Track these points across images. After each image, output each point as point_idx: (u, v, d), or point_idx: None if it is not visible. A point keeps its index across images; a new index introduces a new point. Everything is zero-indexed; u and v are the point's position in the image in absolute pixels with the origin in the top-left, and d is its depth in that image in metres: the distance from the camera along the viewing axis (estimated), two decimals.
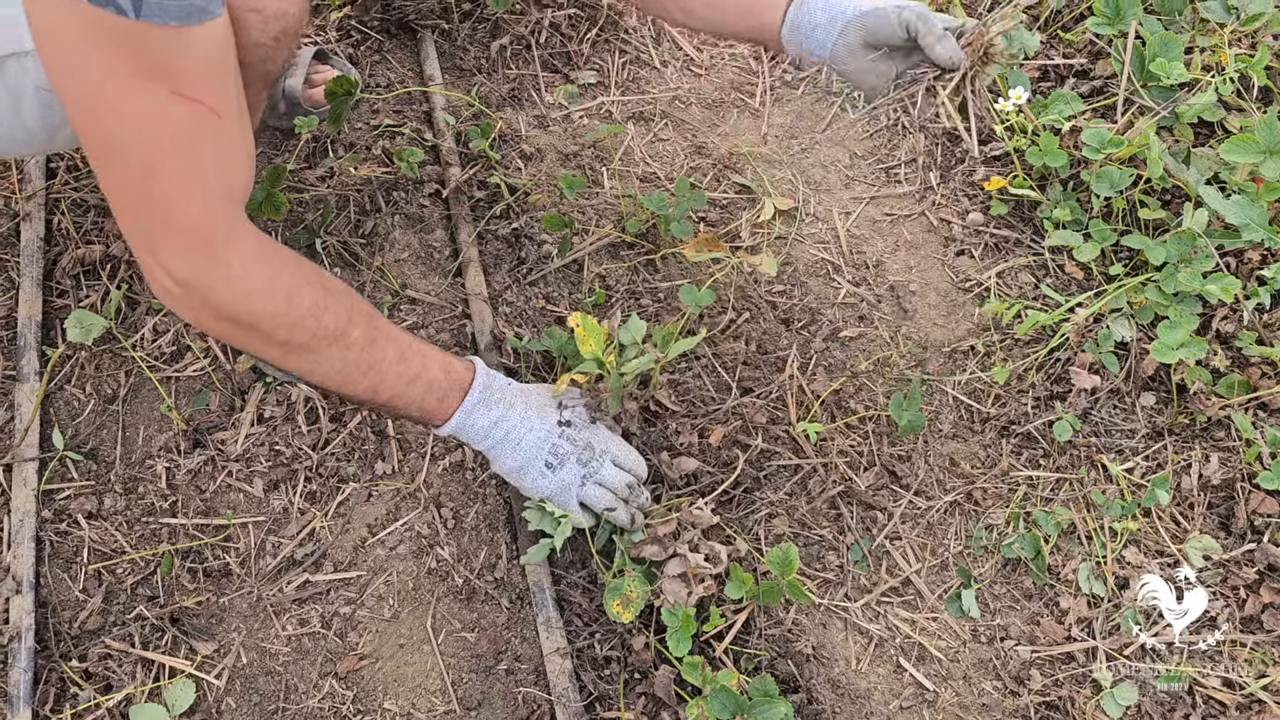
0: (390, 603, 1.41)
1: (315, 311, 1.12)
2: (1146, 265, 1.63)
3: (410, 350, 1.23)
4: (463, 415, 1.28)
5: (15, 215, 1.67)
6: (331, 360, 1.16)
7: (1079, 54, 1.90)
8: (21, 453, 1.45)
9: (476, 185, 1.77)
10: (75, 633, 1.35)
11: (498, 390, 1.30)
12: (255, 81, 1.25)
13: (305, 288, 1.12)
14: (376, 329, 1.20)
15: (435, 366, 1.25)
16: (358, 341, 1.17)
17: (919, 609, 1.43)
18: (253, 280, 1.07)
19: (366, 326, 1.18)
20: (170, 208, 1.02)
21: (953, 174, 1.84)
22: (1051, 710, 1.35)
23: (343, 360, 1.17)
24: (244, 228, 1.08)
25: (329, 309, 1.14)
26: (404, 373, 1.22)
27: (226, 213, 1.06)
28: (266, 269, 1.09)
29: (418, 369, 1.23)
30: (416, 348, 1.24)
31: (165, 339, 1.58)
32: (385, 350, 1.20)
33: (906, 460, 1.54)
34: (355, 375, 1.19)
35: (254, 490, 1.47)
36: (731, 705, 1.23)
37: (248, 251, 1.07)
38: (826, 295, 1.70)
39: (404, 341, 1.23)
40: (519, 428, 1.30)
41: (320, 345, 1.14)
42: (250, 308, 1.08)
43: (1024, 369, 1.61)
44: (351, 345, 1.16)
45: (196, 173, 1.02)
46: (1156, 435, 1.56)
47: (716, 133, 1.88)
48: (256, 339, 1.12)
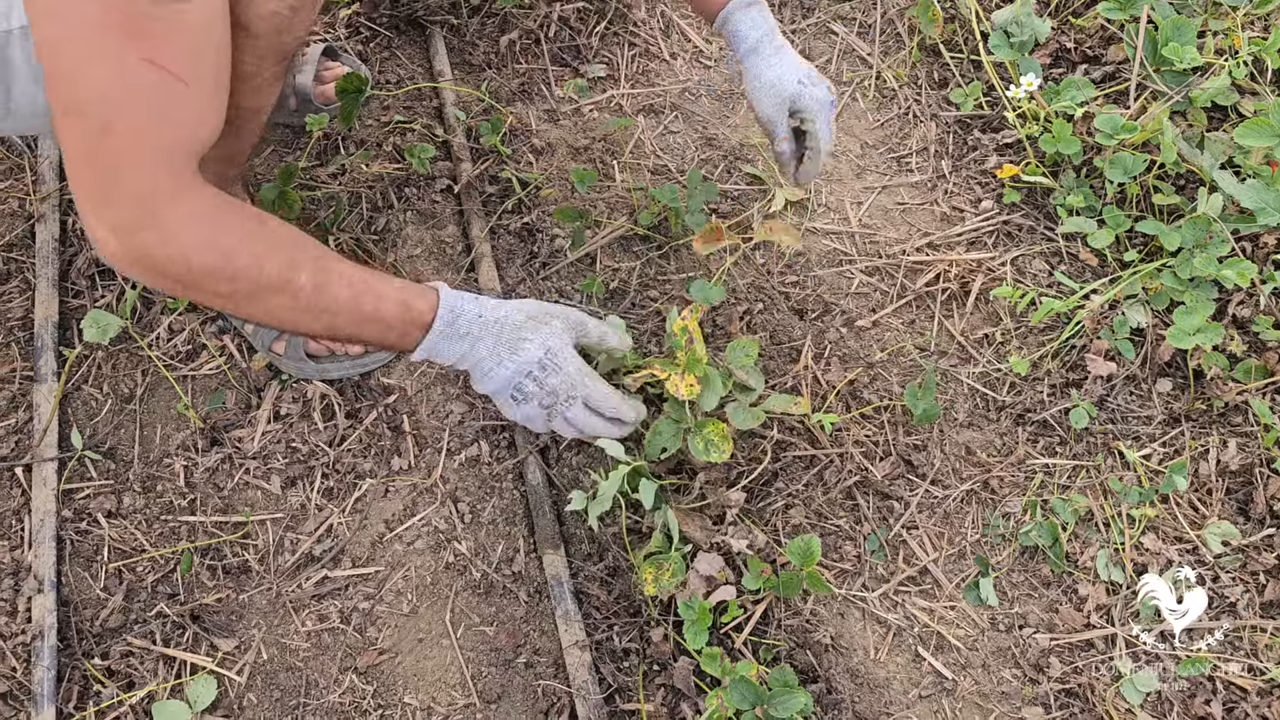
0: (409, 597, 1.41)
1: (256, 263, 1.12)
2: (1161, 251, 1.62)
3: (365, 289, 1.20)
4: (424, 352, 1.26)
5: (30, 217, 1.68)
6: (281, 308, 1.16)
7: (1090, 39, 1.89)
8: (41, 452, 1.46)
9: (488, 180, 1.77)
10: (97, 631, 1.36)
11: (464, 323, 1.27)
12: (270, 54, 1.26)
13: (247, 242, 1.11)
14: (325, 271, 1.17)
15: (391, 305, 1.22)
16: (305, 287, 1.15)
17: (937, 598, 1.43)
18: (189, 239, 1.08)
19: (313, 270, 1.16)
20: (121, 167, 1.04)
21: (965, 162, 1.83)
22: (1071, 698, 1.35)
23: (293, 307, 1.16)
24: (192, 188, 1.08)
25: (270, 259, 1.13)
26: (359, 313, 1.20)
27: (176, 174, 1.07)
28: (206, 229, 1.09)
29: (372, 309, 1.21)
30: (372, 286, 1.21)
31: (181, 338, 1.58)
32: (337, 293, 1.18)
33: (922, 450, 1.53)
34: (308, 319, 1.18)
35: (271, 487, 1.48)
36: (751, 695, 1.23)
37: (189, 213, 1.08)
38: (840, 285, 1.69)
39: (358, 281, 1.20)
40: (487, 360, 1.28)
41: (266, 295, 1.14)
42: (189, 266, 1.09)
43: (1039, 357, 1.61)
44: (299, 292, 1.15)
45: (152, 136, 1.04)
46: (1173, 421, 1.56)
47: (727, 124, 1.88)
48: (201, 294, 1.13)
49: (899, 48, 1.98)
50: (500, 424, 1.54)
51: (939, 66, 1.94)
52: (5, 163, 1.74)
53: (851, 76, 1.95)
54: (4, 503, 1.45)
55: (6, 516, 1.44)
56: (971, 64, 1.92)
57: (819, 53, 1.98)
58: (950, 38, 1.94)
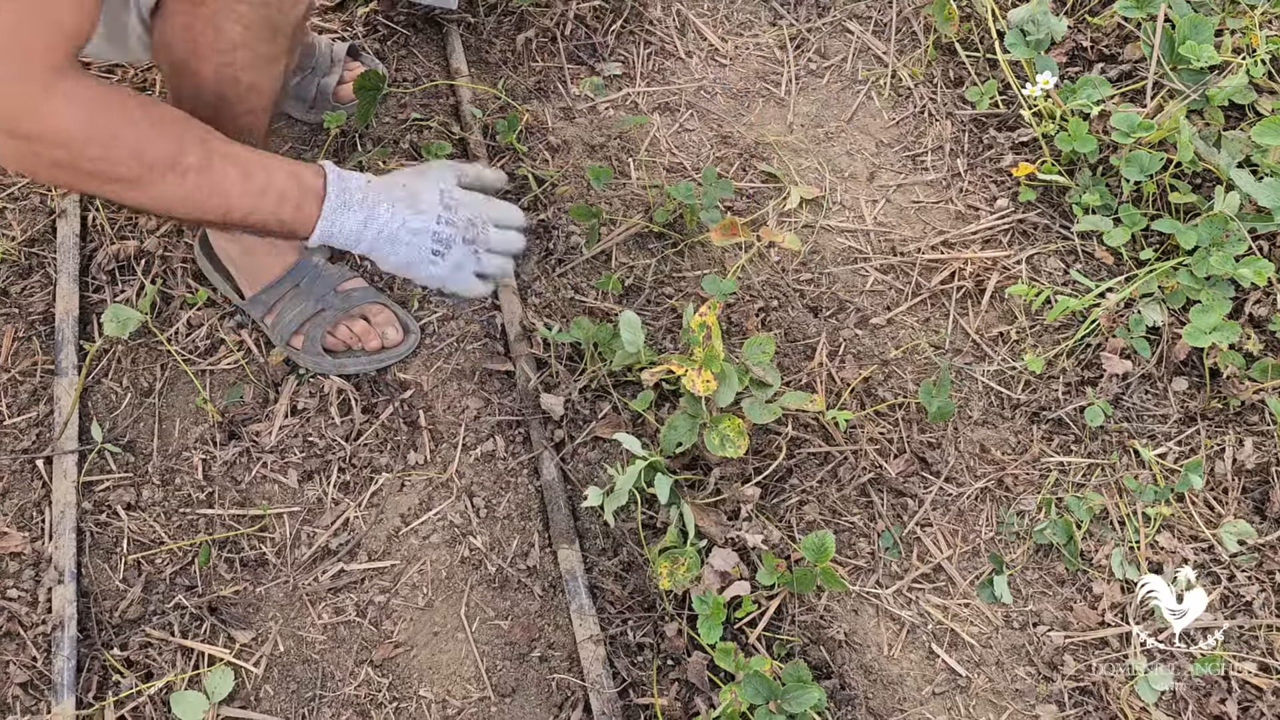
0: (424, 591, 1.42)
1: (139, 146, 1.12)
2: (1177, 250, 1.62)
3: (254, 165, 1.20)
4: (325, 222, 1.24)
5: (51, 212, 1.70)
6: (171, 190, 1.15)
7: (1107, 38, 1.89)
8: (62, 445, 1.47)
9: None
10: (116, 622, 1.37)
11: (356, 190, 1.26)
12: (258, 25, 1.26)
13: (127, 125, 1.11)
14: (211, 151, 1.17)
15: (282, 176, 1.22)
16: (193, 167, 1.15)
17: (951, 595, 1.43)
18: (68, 121, 1.08)
19: (200, 151, 1.16)
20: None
21: (980, 161, 1.83)
22: (1086, 696, 1.35)
23: (181, 188, 1.15)
24: (70, 74, 1.08)
25: (154, 141, 1.13)
26: (250, 189, 1.19)
27: (51, 58, 1.06)
28: (84, 110, 1.09)
29: (263, 183, 1.20)
30: (260, 161, 1.21)
31: (200, 333, 1.60)
32: (225, 171, 1.17)
33: (937, 447, 1.53)
34: (200, 199, 1.17)
35: (288, 481, 1.49)
36: (765, 691, 1.23)
37: (67, 95, 1.08)
38: (854, 283, 1.70)
39: (245, 158, 1.20)
40: (391, 223, 1.27)
41: (153, 178, 1.14)
42: (70, 149, 1.09)
43: (1054, 355, 1.61)
44: (187, 172, 1.15)
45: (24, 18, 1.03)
46: (1189, 420, 1.55)
47: (742, 122, 1.88)
48: (86, 179, 1.13)
49: (914, 46, 1.98)
50: (516, 419, 1.55)
51: (954, 65, 1.94)
52: None
53: (867, 75, 1.95)
54: (25, 494, 1.46)
55: (28, 508, 1.45)
56: (987, 62, 1.92)
57: (834, 51, 1.98)
58: (966, 36, 1.94)
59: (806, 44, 2.00)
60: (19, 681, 1.32)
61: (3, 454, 1.49)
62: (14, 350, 1.58)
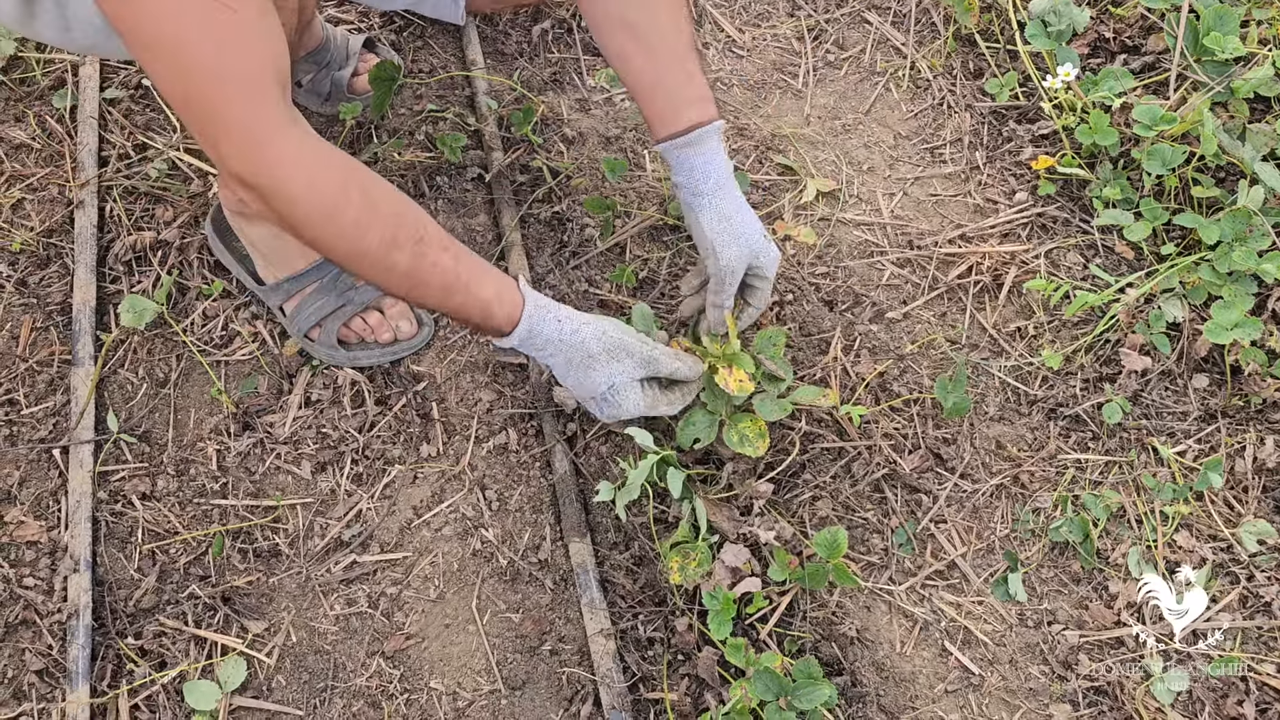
0: (436, 583, 1.42)
1: (358, 229, 1.14)
2: (1199, 244, 1.60)
3: (456, 286, 1.23)
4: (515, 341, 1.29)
5: (69, 203, 1.71)
6: (375, 275, 1.20)
7: (1130, 29, 1.86)
8: (78, 435, 1.48)
9: (519, 169, 1.77)
10: (131, 611, 1.38)
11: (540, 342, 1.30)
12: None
13: (346, 204, 1.13)
14: (422, 257, 1.19)
15: (475, 307, 1.25)
16: (400, 266, 1.18)
17: (964, 592, 1.42)
18: (297, 187, 1.10)
19: (412, 254, 1.18)
20: (213, 105, 1.06)
21: (999, 153, 1.81)
22: (1100, 695, 1.34)
23: (386, 278, 1.20)
24: (289, 123, 1.10)
25: (371, 228, 1.15)
26: (445, 304, 1.24)
27: (267, 109, 1.08)
28: (307, 174, 1.10)
29: (459, 304, 1.24)
30: (463, 282, 1.23)
31: (215, 324, 1.60)
32: (429, 280, 1.21)
33: (952, 443, 1.52)
34: (398, 292, 1.23)
35: (302, 472, 1.49)
36: (775, 687, 1.23)
37: (291, 150, 1.09)
38: (870, 277, 1.68)
39: (450, 275, 1.22)
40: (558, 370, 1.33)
41: (362, 262, 1.17)
42: (294, 211, 1.11)
43: (1072, 351, 1.59)
44: (393, 269, 1.18)
45: (228, 71, 1.04)
46: (1209, 418, 1.53)
47: (759, 114, 1.87)
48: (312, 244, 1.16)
49: (934, 37, 1.96)
50: (528, 412, 1.54)
51: (974, 56, 1.92)
52: (46, 150, 1.77)
53: (886, 66, 1.93)
54: (42, 484, 1.48)
55: (44, 497, 1.47)
56: (1007, 54, 1.89)
57: (853, 42, 1.96)
58: (986, 27, 1.92)
59: (824, 35, 1.98)
60: (35, 669, 1.33)
61: (20, 443, 1.50)
62: (31, 340, 1.59)
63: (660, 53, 1.35)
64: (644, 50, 1.35)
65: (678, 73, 1.36)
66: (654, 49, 1.35)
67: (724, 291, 1.42)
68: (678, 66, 1.36)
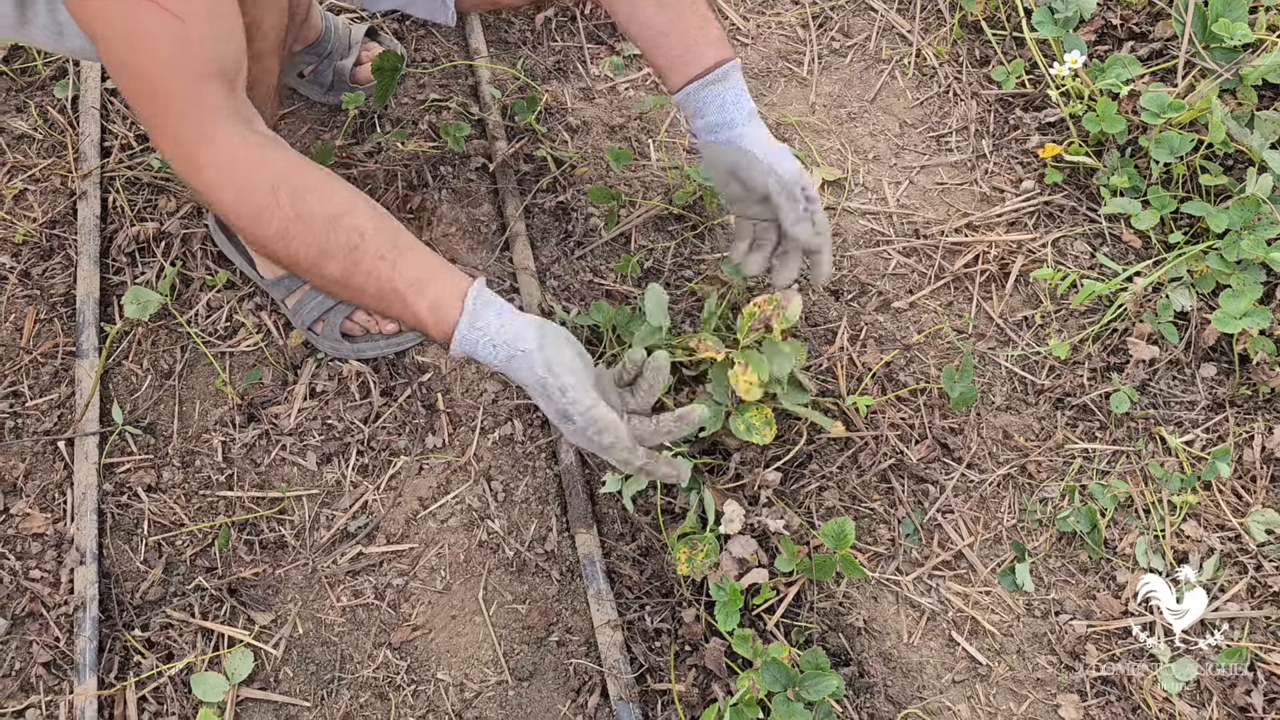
0: (442, 575, 1.42)
1: (283, 238, 1.11)
2: (1207, 233, 1.59)
3: (392, 298, 1.14)
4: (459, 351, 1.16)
5: (72, 194, 1.70)
6: (311, 279, 1.17)
7: (1137, 16, 1.85)
8: (83, 427, 1.48)
9: (523, 159, 1.76)
10: (137, 603, 1.38)
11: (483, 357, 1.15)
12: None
13: (274, 209, 1.10)
14: (355, 265, 1.13)
15: (412, 319, 1.16)
16: (332, 273, 1.13)
17: (971, 583, 1.42)
18: (224, 192, 1.11)
19: (345, 261, 1.12)
20: (153, 105, 1.08)
21: (1005, 142, 1.80)
22: (1108, 685, 1.34)
23: (321, 284, 1.16)
24: (227, 124, 1.10)
25: (298, 236, 1.11)
26: (387, 311, 1.16)
27: (201, 112, 1.08)
28: (234, 179, 1.10)
29: (397, 314, 1.16)
30: (400, 294, 1.14)
31: (219, 315, 1.60)
32: (364, 288, 1.14)
33: (959, 433, 1.52)
34: (337, 296, 1.18)
35: (307, 464, 1.49)
36: (783, 677, 1.23)
37: (223, 155, 1.10)
38: (876, 266, 1.67)
39: (386, 287, 1.14)
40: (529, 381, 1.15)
41: (295, 267, 1.15)
42: (226, 214, 1.12)
43: (1080, 340, 1.58)
44: (325, 276, 1.14)
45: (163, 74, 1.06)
46: (1217, 407, 1.53)
47: (764, 102, 1.86)
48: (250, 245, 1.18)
49: (940, 24, 1.95)
50: (533, 403, 1.54)
51: (980, 44, 1.90)
52: (48, 140, 1.76)
53: (891, 54, 1.92)
54: (47, 476, 1.47)
55: (50, 489, 1.46)
56: (1014, 41, 1.88)
57: (858, 30, 1.95)
58: (992, 14, 1.91)
59: (829, 22, 1.97)
60: (42, 661, 1.33)
61: (25, 436, 1.50)
62: (36, 332, 1.59)
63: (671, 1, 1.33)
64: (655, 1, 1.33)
65: (691, 18, 1.33)
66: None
67: (798, 204, 1.32)
68: (690, 12, 1.33)
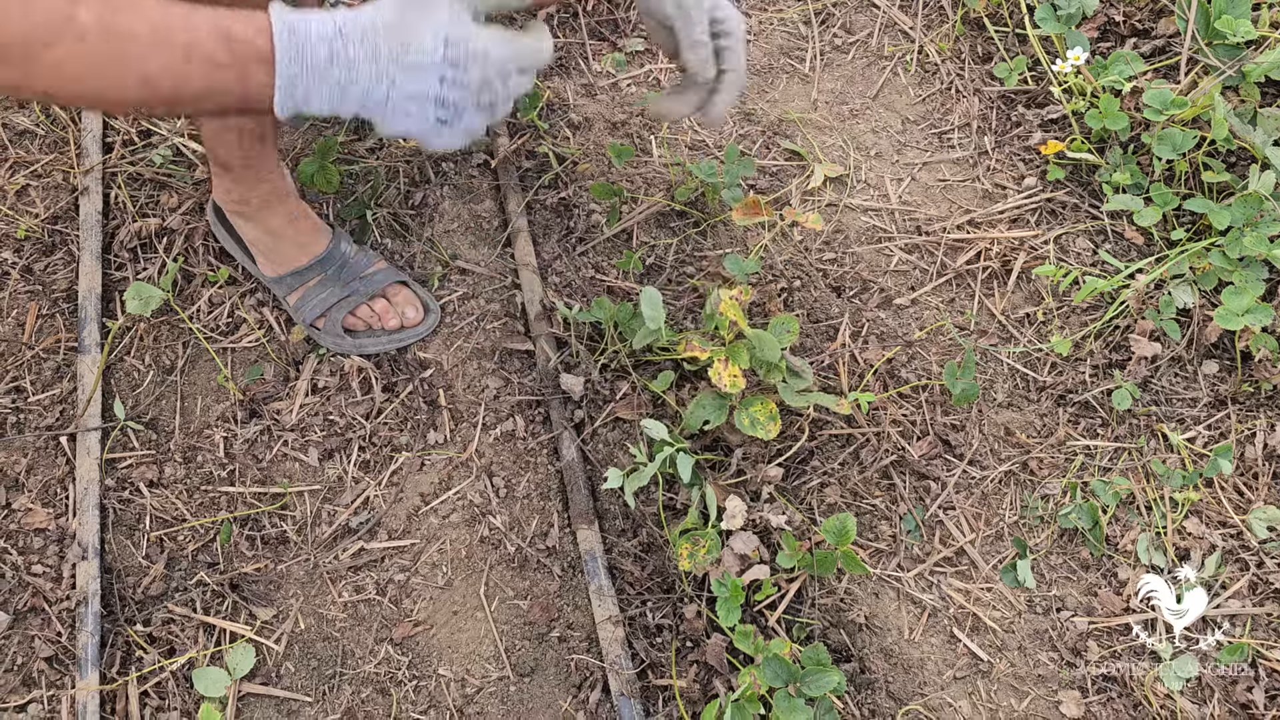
0: (444, 570, 1.42)
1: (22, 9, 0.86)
2: (1210, 230, 1.59)
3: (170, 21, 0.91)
4: (283, 95, 0.93)
5: (74, 189, 1.70)
6: (70, 62, 0.89)
7: (1140, 12, 1.84)
8: (85, 422, 1.48)
9: (525, 155, 1.76)
10: (139, 598, 1.39)
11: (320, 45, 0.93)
12: None
13: None
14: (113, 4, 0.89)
15: (207, 36, 0.92)
16: (90, 27, 0.88)
17: (973, 579, 1.42)
18: None
19: (98, 8, 0.88)
20: None
21: (1008, 138, 1.80)
22: (1109, 682, 1.34)
23: (83, 56, 0.89)
24: None
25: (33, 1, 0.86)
26: (171, 51, 0.91)
27: None
28: None
29: (186, 41, 0.91)
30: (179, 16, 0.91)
31: (221, 311, 1.60)
32: (134, 27, 0.90)
33: (960, 429, 1.52)
34: (115, 72, 0.90)
35: (309, 459, 1.49)
36: (784, 674, 1.23)
37: None
38: (878, 263, 1.67)
39: (158, 13, 0.91)
40: (377, 89, 0.95)
41: (41, 50, 0.87)
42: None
43: (1082, 337, 1.58)
44: (84, 34, 0.88)
45: None
46: (1219, 404, 1.53)
47: (765, 99, 1.86)
48: None
49: (942, 21, 1.95)
50: (536, 399, 1.54)
51: (983, 40, 1.90)
52: (49, 136, 1.77)
53: (893, 50, 1.92)
54: (49, 471, 1.48)
55: (52, 485, 1.47)
56: (1016, 38, 1.88)
57: (860, 26, 1.95)
58: (995, 11, 1.91)
59: (832, 19, 1.97)
60: (44, 656, 1.33)
61: (27, 431, 1.50)
62: (38, 327, 1.59)
63: None
64: None
65: None
66: None
67: (694, 26, 1.18)
68: None
